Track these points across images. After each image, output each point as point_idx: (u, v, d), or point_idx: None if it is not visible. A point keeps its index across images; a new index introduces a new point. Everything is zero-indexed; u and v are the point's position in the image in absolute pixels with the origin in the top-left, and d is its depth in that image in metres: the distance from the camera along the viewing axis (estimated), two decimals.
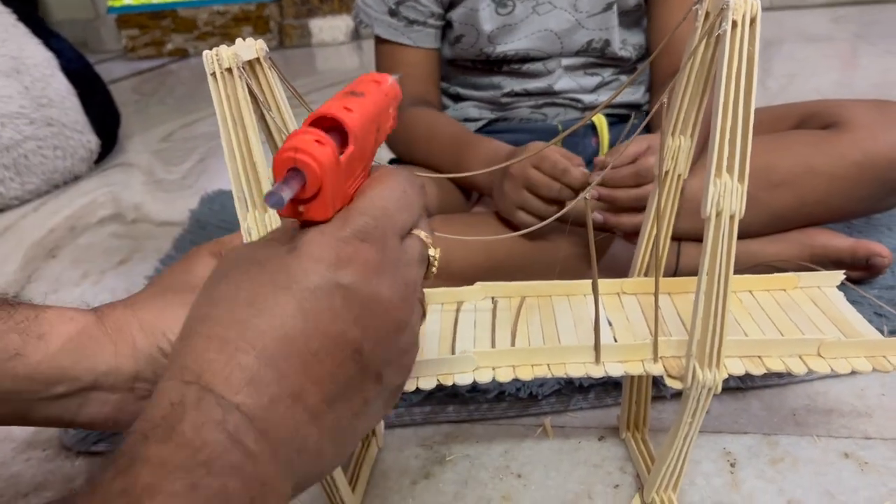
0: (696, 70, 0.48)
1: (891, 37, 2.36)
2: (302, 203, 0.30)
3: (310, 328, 0.28)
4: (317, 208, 0.30)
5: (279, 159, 0.29)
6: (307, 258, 0.29)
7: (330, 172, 0.29)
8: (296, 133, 0.29)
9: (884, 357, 0.49)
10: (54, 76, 1.57)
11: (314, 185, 0.29)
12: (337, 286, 0.29)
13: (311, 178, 0.29)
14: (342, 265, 0.29)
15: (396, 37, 0.94)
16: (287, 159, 0.29)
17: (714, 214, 0.43)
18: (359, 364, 0.29)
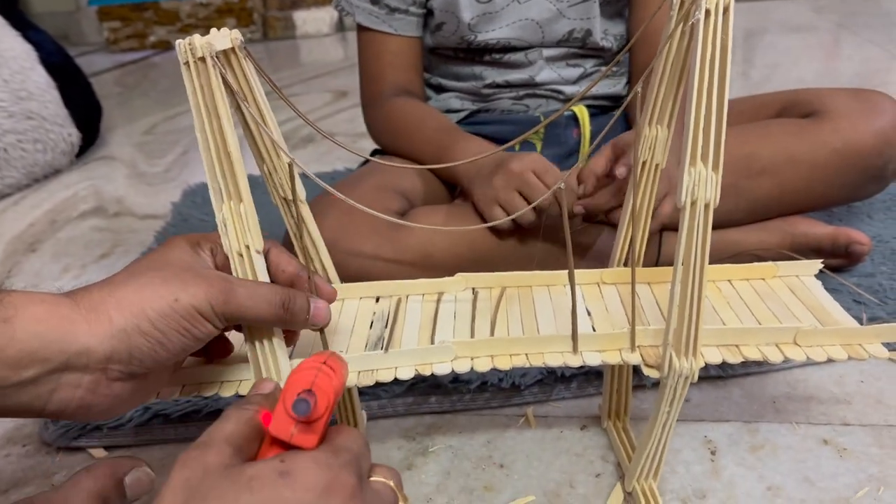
0: (672, 60, 0.47)
1: (872, 26, 2.38)
2: (299, 424, 0.33)
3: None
4: (310, 433, 0.33)
5: (297, 381, 0.33)
6: (300, 484, 0.30)
7: (335, 401, 0.34)
8: (307, 366, 0.35)
9: (859, 345, 0.49)
10: (34, 69, 1.55)
11: (323, 408, 0.33)
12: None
13: (322, 402, 0.33)
14: (332, 493, 0.31)
15: (378, 25, 0.94)
16: (306, 382, 0.33)
17: (689, 203, 0.43)
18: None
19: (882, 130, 0.80)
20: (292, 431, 0.33)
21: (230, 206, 0.44)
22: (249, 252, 0.45)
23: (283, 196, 0.53)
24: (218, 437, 0.33)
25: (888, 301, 0.79)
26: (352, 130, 1.69)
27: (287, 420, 0.33)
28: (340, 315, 0.56)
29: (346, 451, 0.33)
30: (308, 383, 0.33)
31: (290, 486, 0.30)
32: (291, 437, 0.33)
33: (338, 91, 2.14)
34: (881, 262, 0.87)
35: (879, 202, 1.02)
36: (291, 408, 0.32)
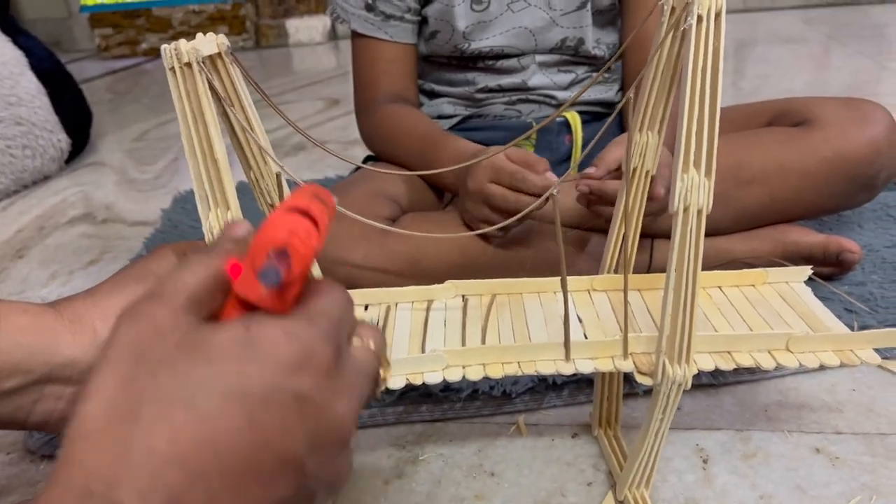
0: (663, 66, 0.47)
1: (862, 38, 2.40)
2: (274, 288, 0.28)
3: (257, 442, 0.25)
4: (282, 298, 0.28)
5: (269, 236, 0.27)
6: (267, 358, 0.26)
7: (312, 261, 0.28)
8: (284, 215, 0.28)
9: (851, 351, 0.49)
10: (23, 74, 1.54)
11: (299, 272, 0.27)
12: (295, 396, 0.26)
13: (297, 265, 0.27)
14: (304, 371, 0.26)
15: (373, 31, 0.94)
16: (279, 239, 0.27)
17: (682, 210, 0.43)
18: (298, 482, 0.26)
19: (872, 139, 0.80)
20: (262, 293, 0.28)
21: (217, 214, 0.44)
22: None
23: (271, 203, 0.52)
24: (174, 289, 0.28)
25: (879, 309, 0.79)
26: (343, 138, 1.69)
27: (256, 281, 0.28)
28: None
29: (323, 318, 0.28)
30: (282, 240, 0.27)
31: (255, 360, 0.25)
32: (260, 299, 0.28)
33: (330, 99, 2.13)
34: (872, 271, 0.87)
35: (870, 211, 1.02)
36: (259, 276, 0.27)
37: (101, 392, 0.25)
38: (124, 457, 0.23)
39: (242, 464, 0.24)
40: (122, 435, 0.23)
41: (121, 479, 0.23)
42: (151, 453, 0.23)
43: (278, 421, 0.25)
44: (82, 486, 0.23)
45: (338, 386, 0.28)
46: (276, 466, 0.25)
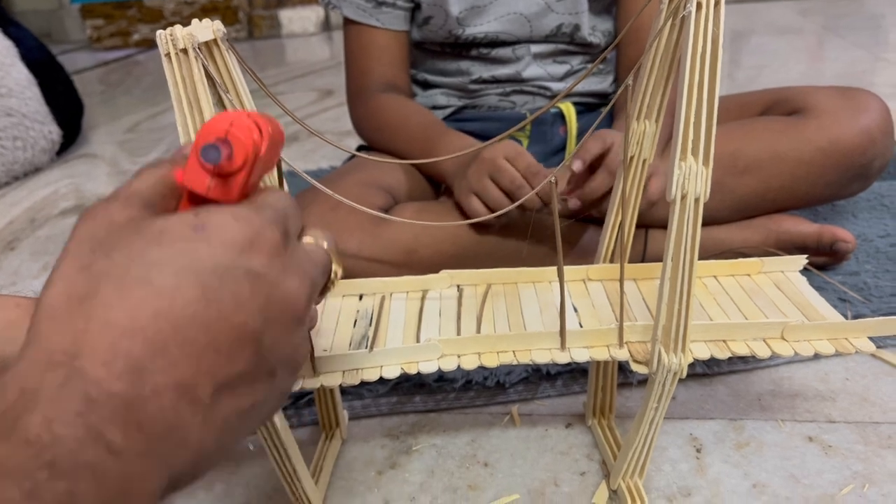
0: (662, 53, 0.47)
1: (858, 29, 2.40)
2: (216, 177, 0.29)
3: (212, 315, 0.26)
4: (228, 188, 0.29)
5: (210, 128, 0.28)
6: (217, 238, 0.27)
7: (255, 156, 0.29)
8: (230, 112, 0.29)
9: (846, 339, 0.49)
10: (14, 65, 1.53)
11: (240, 159, 0.29)
12: (246, 272, 0.27)
13: (239, 153, 0.29)
14: (254, 250, 0.27)
15: (365, 18, 0.93)
16: (220, 130, 0.28)
17: (679, 197, 0.43)
18: (256, 357, 0.27)
19: (867, 128, 0.80)
20: (208, 184, 0.29)
21: None
22: None
23: None
24: (126, 192, 0.29)
25: (872, 299, 0.79)
26: (337, 129, 1.69)
27: (201, 171, 0.29)
28: (323, 314, 0.55)
29: (269, 208, 0.30)
30: (222, 132, 0.29)
31: (205, 241, 0.27)
32: (207, 190, 0.29)
33: (323, 90, 2.13)
34: (865, 261, 0.87)
35: (864, 201, 1.02)
36: (200, 153, 0.28)
37: (60, 279, 0.26)
38: (85, 330, 0.24)
39: (200, 336, 0.25)
40: (82, 312, 0.24)
41: (83, 349, 0.23)
42: (111, 326, 0.24)
43: (231, 295, 0.26)
44: (47, 359, 0.23)
45: (287, 265, 0.29)
46: (232, 339, 0.26)
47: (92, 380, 0.23)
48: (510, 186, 0.73)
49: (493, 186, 0.74)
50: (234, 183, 0.29)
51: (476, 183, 0.75)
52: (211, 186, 0.29)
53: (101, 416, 0.23)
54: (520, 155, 0.73)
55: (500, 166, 0.73)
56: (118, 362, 0.23)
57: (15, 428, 0.21)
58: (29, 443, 0.21)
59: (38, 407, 0.22)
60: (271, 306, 0.28)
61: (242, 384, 0.27)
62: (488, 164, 0.74)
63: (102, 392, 0.23)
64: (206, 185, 0.29)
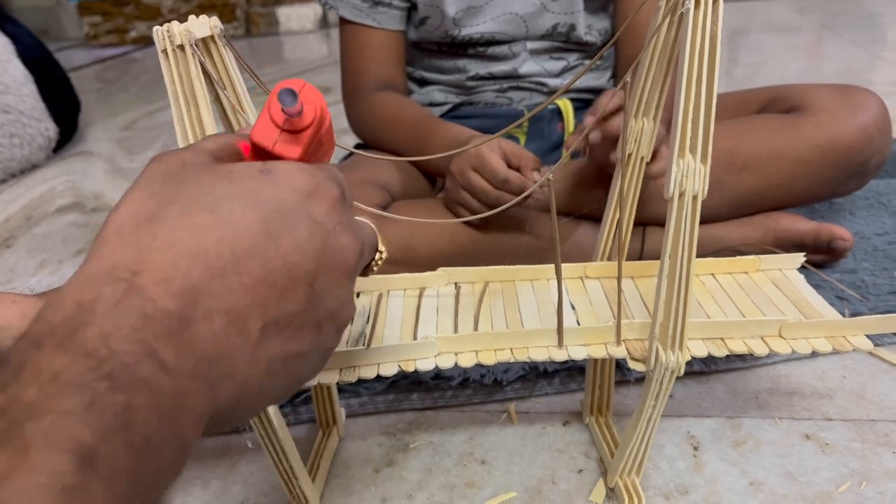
0: (660, 50, 0.47)
1: (855, 27, 2.40)
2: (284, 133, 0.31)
3: (271, 249, 0.26)
4: (294, 145, 0.31)
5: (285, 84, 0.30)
6: (283, 182, 0.28)
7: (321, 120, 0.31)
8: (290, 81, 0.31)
9: (843, 337, 0.49)
10: (10, 62, 1.53)
11: (310, 117, 0.30)
12: (308, 216, 0.28)
13: (309, 111, 0.30)
14: (316, 199, 0.29)
15: (361, 18, 0.93)
16: (294, 86, 0.30)
17: (677, 195, 0.42)
18: (306, 301, 0.28)
19: (864, 126, 0.80)
20: (276, 139, 0.30)
21: None
22: None
23: None
24: (196, 147, 0.31)
25: (870, 297, 0.79)
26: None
27: (271, 128, 0.30)
28: None
29: (330, 169, 0.32)
30: (297, 87, 0.30)
31: (272, 183, 0.28)
32: (274, 144, 0.30)
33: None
34: (863, 259, 0.87)
35: (861, 199, 1.02)
36: (277, 96, 0.29)
37: (131, 201, 0.27)
38: (148, 249, 0.24)
39: (257, 268, 0.26)
40: (148, 232, 0.25)
41: (144, 267, 0.24)
42: (173, 246, 0.25)
43: (291, 235, 0.27)
44: (108, 272, 0.24)
45: (344, 219, 0.30)
46: (287, 277, 0.27)
47: (149, 297, 0.23)
48: (487, 200, 0.73)
49: (471, 198, 0.74)
50: (300, 141, 0.31)
51: (456, 196, 0.76)
52: (278, 141, 0.30)
53: (155, 333, 0.23)
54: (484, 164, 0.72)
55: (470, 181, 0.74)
56: (175, 281, 0.24)
57: (73, 339, 0.22)
58: (88, 355, 0.21)
59: (96, 320, 0.22)
60: (326, 253, 0.29)
61: (290, 327, 0.27)
62: (459, 180, 0.75)
63: (158, 310, 0.23)
64: (273, 139, 0.30)
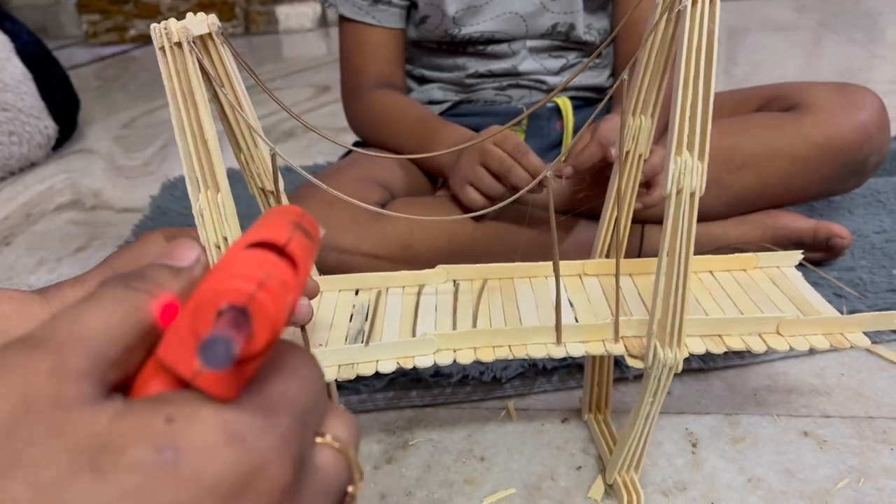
0: (657, 48, 0.47)
1: (853, 26, 2.40)
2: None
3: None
4: (229, 381, 0.19)
5: (222, 284, 0.18)
6: (194, 478, 0.16)
7: (282, 328, 0.19)
8: (250, 253, 0.19)
9: (841, 334, 0.49)
10: (9, 60, 1.53)
11: (264, 342, 0.18)
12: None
13: (263, 333, 0.18)
14: (245, 497, 0.17)
15: (361, 16, 0.93)
16: (238, 291, 0.18)
17: (674, 192, 0.43)
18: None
19: (863, 124, 0.80)
20: (198, 368, 0.18)
21: (207, 196, 0.43)
22: (227, 244, 0.44)
23: (261, 186, 0.52)
24: (74, 340, 0.18)
25: (868, 294, 0.79)
26: (334, 125, 1.68)
27: (191, 346, 0.18)
28: (319, 308, 0.55)
29: (286, 412, 0.19)
30: (243, 292, 0.18)
31: (173, 478, 0.16)
32: (195, 376, 0.18)
33: (320, 86, 2.12)
34: (861, 256, 0.87)
35: (860, 196, 1.02)
36: (200, 349, 0.17)
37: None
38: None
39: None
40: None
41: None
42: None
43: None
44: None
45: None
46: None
47: None
48: (500, 168, 0.73)
49: (486, 173, 0.74)
50: (240, 375, 0.19)
51: (469, 171, 0.75)
52: (200, 371, 0.18)
53: None
54: (507, 137, 0.73)
55: (489, 150, 0.74)
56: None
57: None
58: None
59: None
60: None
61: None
62: (477, 152, 0.75)
63: None
64: (193, 370, 0.19)
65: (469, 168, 0.75)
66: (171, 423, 0.17)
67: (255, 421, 0.18)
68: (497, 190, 0.74)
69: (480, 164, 0.74)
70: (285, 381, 0.20)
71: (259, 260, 0.19)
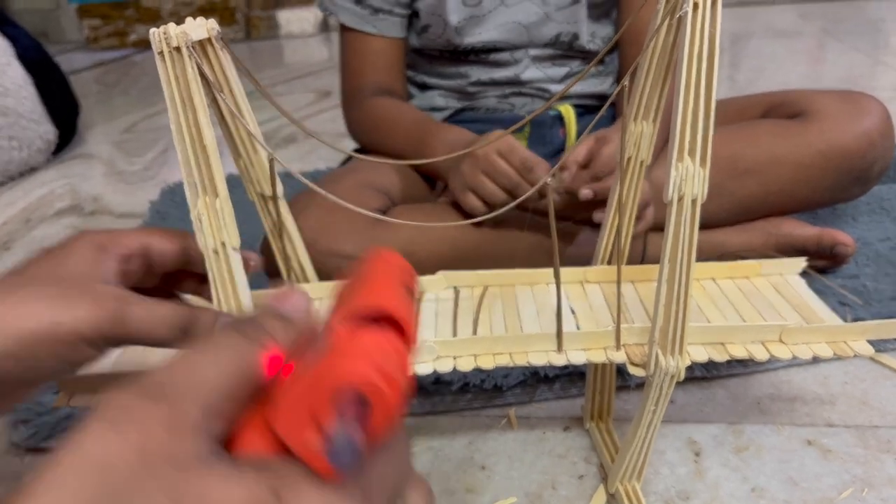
0: (659, 54, 0.47)
1: (857, 33, 2.40)
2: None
3: None
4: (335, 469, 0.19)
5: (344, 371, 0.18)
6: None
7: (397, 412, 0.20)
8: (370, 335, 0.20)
9: (844, 342, 0.48)
10: (10, 64, 1.52)
11: (380, 430, 0.19)
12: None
13: (380, 419, 0.19)
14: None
15: (361, 25, 0.93)
16: (359, 378, 0.18)
17: (676, 199, 0.42)
18: None
19: (867, 132, 0.80)
20: (314, 449, 0.19)
21: (206, 201, 0.43)
22: (225, 249, 0.43)
23: (260, 192, 0.51)
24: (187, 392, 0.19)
25: (872, 303, 0.79)
26: (335, 130, 1.68)
27: (306, 422, 0.19)
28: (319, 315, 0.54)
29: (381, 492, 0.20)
30: (366, 378, 0.18)
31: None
32: (307, 454, 0.19)
33: (321, 91, 2.12)
34: (865, 264, 0.87)
35: (864, 204, 1.02)
36: (328, 450, 0.18)
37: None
38: None
39: None
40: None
41: None
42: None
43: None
44: None
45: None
46: None
47: None
48: (507, 185, 0.72)
49: (489, 182, 0.73)
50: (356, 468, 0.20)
51: (471, 179, 0.75)
52: (317, 455, 0.19)
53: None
54: (513, 150, 0.73)
55: (494, 163, 0.73)
56: None
57: None
58: None
59: None
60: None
61: None
62: (482, 161, 0.74)
63: None
64: (304, 446, 0.19)
65: (471, 175, 0.75)
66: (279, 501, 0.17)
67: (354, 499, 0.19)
68: (499, 197, 0.73)
69: (484, 173, 0.74)
70: (384, 462, 0.21)
71: (378, 343, 0.20)
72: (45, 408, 0.69)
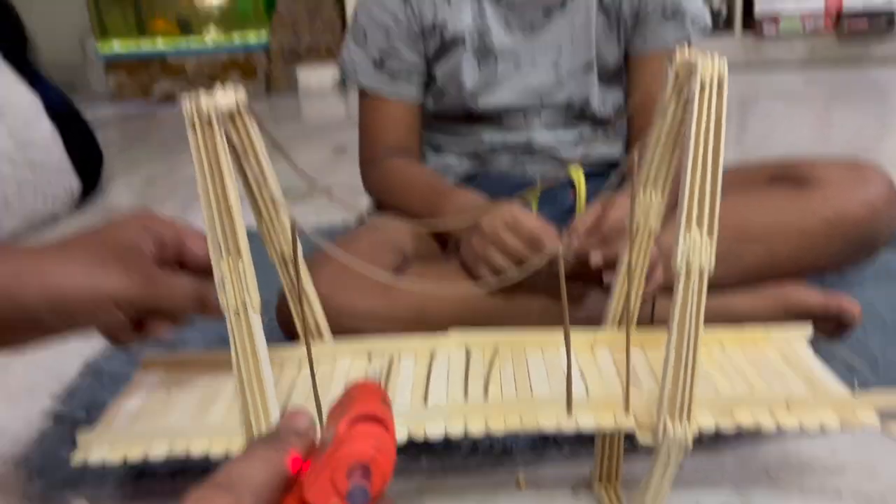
0: (667, 129, 0.49)
1: (862, 99, 2.43)
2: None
3: None
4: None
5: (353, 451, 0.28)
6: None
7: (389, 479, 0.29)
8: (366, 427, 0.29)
9: (852, 414, 0.49)
10: (38, 118, 1.57)
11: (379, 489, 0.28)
12: None
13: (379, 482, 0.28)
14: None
15: (381, 89, 0.96)
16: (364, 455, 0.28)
17: (684, 270, 0.44)
18: None
19: (871, 200, 0.81)
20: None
21: (229, 263, 0.45)
22: (246, 310, 0.45)
23: (281, 253, 0.53)
24: (244, 485, 0.27)
25: (879, 371, 0.79)
26: (351, 184, 1.70)
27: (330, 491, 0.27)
28: (333, 374, 0.56)
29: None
30: (366, 455, 0.28)
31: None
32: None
33: (338, 146, 2.17)
34: (872, 331, 0.87)
35: (871, 271, 1.02)
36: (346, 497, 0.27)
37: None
38: None
39: None
40: None
41: None
42: None
43: None
44: None
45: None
46: None
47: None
48: (515, 260, 0.73)
49: (499, 255, 0.75)
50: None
51: (482, 252, 0.76)
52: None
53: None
54: (519, 224, 0.74)
55: (504, 240, 0.74)
56: None
57: None
58: None
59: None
60: None
61: None
62: (491, 237, 0.75)
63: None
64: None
65: (481, 248, 0.76)
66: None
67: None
68: (509, 269, 0.74)
69: (494, 246, 0.75)
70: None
71: (372, 433, 0.29)
72: (60, 461, 0.70)
